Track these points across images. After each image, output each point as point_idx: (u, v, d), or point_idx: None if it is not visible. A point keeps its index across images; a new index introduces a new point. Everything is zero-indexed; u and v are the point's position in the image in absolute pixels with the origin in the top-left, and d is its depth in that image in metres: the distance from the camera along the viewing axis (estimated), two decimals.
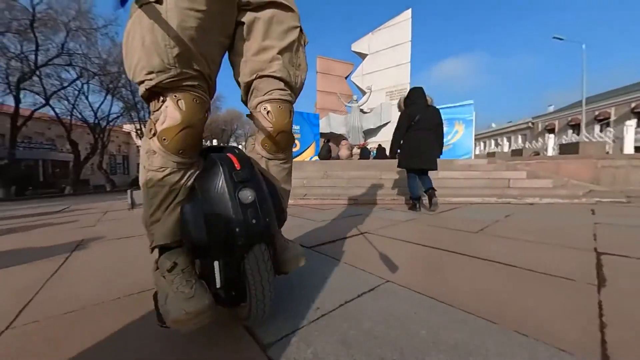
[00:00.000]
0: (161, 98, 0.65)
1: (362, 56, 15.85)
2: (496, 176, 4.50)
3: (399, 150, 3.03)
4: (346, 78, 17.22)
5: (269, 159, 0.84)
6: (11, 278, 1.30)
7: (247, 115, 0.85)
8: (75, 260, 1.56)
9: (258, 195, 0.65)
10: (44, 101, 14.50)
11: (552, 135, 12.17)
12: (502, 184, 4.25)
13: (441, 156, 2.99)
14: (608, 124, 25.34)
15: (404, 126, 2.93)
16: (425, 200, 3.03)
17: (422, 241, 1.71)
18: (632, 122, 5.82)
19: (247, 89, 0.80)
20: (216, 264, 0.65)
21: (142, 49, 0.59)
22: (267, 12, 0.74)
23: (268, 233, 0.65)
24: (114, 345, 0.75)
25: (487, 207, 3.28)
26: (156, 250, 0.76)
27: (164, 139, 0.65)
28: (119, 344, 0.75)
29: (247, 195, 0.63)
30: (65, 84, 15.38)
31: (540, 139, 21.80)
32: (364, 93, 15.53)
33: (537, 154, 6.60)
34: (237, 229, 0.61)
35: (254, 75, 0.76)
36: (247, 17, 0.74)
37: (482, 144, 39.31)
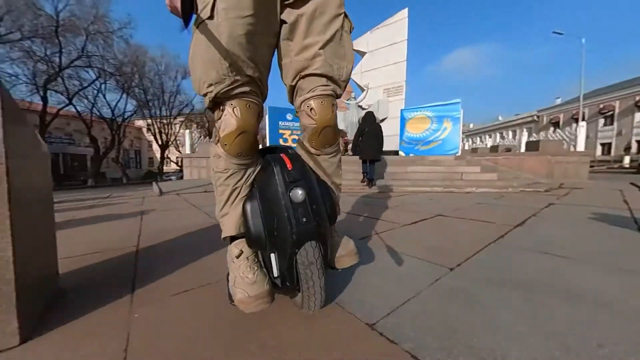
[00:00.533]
0: (221, 107, 0.70)
1: (362, 54, 16.50)
2: (454, 170, 5.42)
3: (357, 149, 5.03)
4: None
5: (317, 155, 0.85)
6: (118, 224, 2.35)
7: (295, 115, 0.88)
8: (147, 218, 2.63)
9: (309, 195, 0.67)
10: (66, 100, 15.86)
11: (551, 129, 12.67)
12: (456, 177, 5.17)
13: (431, 152, 4.75)
14: (612, 117, 25.13)
15: (359, 134, 4.91)
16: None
17: (364, 213, 2.70)
18: (583, 124, 6.59)
19: (292, 90, 0.81)
20: (272, 256, 0.70)
21: (201, 64, 0.65)
22: (310, 6, 0.72)
23: (318, 232, 0.67)
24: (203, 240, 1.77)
25: (430, 195, 4.17)
26: (228, 239, 0.83)
27: (225, 144, 0.70)
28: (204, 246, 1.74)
29: (298, 194, 0.65)
30: (85, 84, 16.67)
31: (542, 132, 21.77)
32: (362, 90, 16.28)
33: (508, 150, 7.35)
34: (288, 227, 0.63)
35: (297, 76, 0.76)
36: (290, 15, 0.73)
37: (487, 137, 39.23)
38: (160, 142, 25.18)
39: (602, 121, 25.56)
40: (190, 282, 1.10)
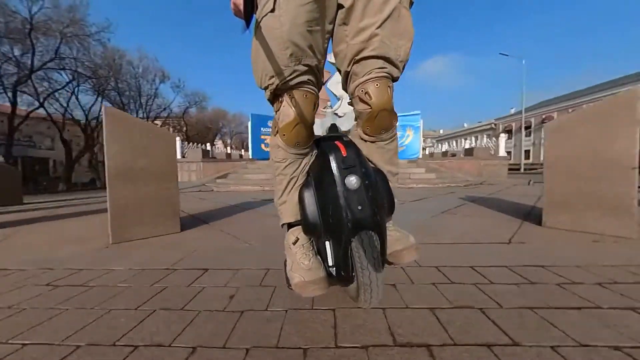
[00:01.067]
0: (280, 99, 0.71)
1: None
2: (405, 171, 6.88)
3: None
4: (324, 84, 19.31)
5: (372, 142, 0.80)
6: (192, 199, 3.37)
7: (348, 103, 0.83)
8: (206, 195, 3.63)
9: (364, 182, 0.64)
10: (37, 102, 15.52)
11: (503, 135, 14.92)
12: (405, 176, 6.62)
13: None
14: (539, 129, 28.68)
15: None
16: None
17: None
18: (504, 135, 8.48)
19: (347, 76, 0.76)
20: (327, 244, 0.69)
21: (263, 58, 0.65)
22: None
23: (374, 220, 0.63)
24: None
25: None
26: (285, 226, 0.85)
27: (284, 135, 0.72)
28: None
29: (353, 181, 0.63)
30: (58, 87, 16.41)
31: (494, 139, 24.87)
32: (338, 99, 17.78)
33: (453, 155, 9.04)
34: (343, 215, 0.61)
35: (352, 61, 0.72)
36: None
37: (454, 142, 42.82)
38: None
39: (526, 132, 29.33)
40: (233, 221, 2.21)
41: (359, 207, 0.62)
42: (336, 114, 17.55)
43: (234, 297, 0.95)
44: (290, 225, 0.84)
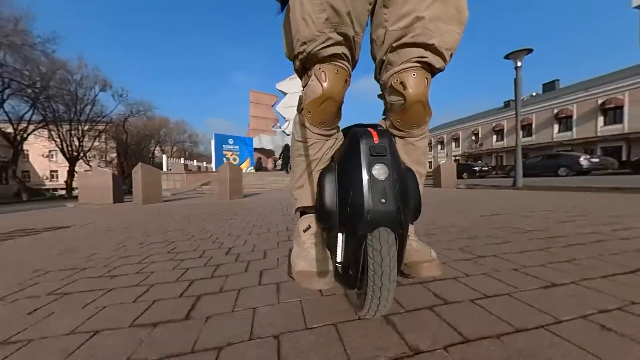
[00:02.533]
0: (309, 72, 0.63)
1: (284, 93, 21.71)
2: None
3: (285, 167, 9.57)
4: (272, 106, 22.77)
5: (401, 137, 0.73)
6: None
7: (378, 96, 0.76)
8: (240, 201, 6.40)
9: (393, 174, 0.56)
10: None
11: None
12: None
13: None
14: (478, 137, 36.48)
15: (285, 156, 9.50)
16: None
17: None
18: (444, 148, 13.11)
19: (381, 65, 0.69)
20: (340, 236, 0.61)
21: (294, 23, 0.58)
22: None
23: (397, 218, 0.55)
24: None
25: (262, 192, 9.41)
26: (298, 213, 0.79)
27: (309, 112, 0.65)
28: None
29: (381, 171, 0.56)
30: None
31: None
32: (285, 120, 21.38)
33: None
34: (364, 205, 0.54)
35: (389, 48, 0.64)
36: None
37: None
38: (68, 155, 23.32)
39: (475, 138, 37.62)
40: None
41: (383, 200, 0.54)
42: (284, 132, 21.17)
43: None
44: (303, 212, 0.77)
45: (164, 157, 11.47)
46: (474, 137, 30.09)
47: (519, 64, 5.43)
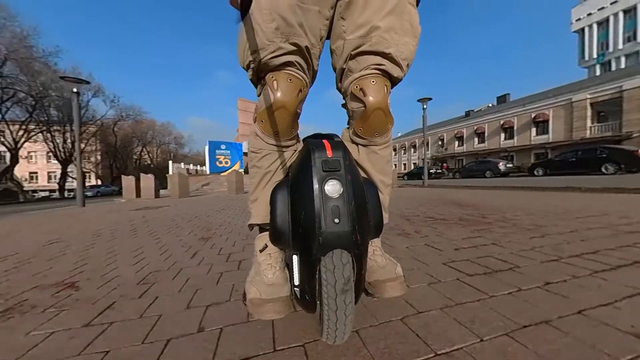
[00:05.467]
0: (262, 81, 0.62)
1: None
2: None
3: None
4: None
5: (365, 145, 0.71)
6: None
7: (342, 105, 0.75)
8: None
9: (347, 191, 0.52)
10: None
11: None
12: None
13: None
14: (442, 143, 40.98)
15: None
16: None
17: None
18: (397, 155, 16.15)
19: (341, 74, 0.69)
20: (295, 257, 0.57)
21: (246, 32, 0.56)
22: None
23: (352, 239, 0.51)
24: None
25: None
26: (256, 229, 0.73)
27: (262, 121, 0.62)
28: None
29: (334, 188, 0.51)
30: None
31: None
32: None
33: None
34: (315, 226, 0.50)
35: (348, 57, 0.65)
36: None
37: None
38: (61, 158, 24.49)
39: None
40: None
41: (336, 220, 0.50)
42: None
43: None
44: (260, 229, 0.72)
45: (170, 163, 13.65)
46: (439, 142, 33.97)
47: (424, 106, 8.38)
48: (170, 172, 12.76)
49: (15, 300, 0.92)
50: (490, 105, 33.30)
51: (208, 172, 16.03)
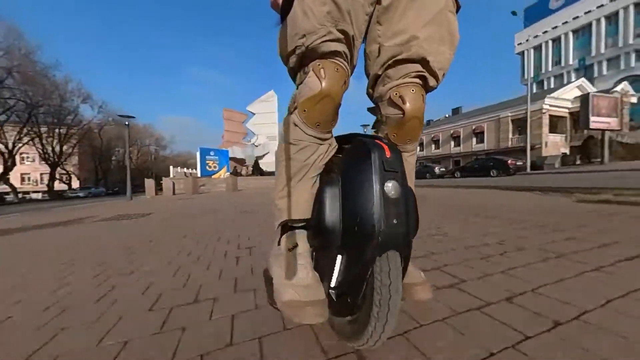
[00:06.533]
0: (305, 69, 0.61)
1: (253, 113, 27.20)
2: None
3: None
4: (243, 123, 28.11)
5: None
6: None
7: (369, 109, 0.76)
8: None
9: (403, 192, 0.53)
10: None
11: None
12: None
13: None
14: None
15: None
16: None
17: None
18: None
19: (376, 79, 0.69)
20: (339, 258, 0.57)
21: (295, 17, 0.56)
22: None
23: (407, 239, 0.53)
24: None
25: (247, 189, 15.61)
26: (280, 228, 0.68)
27: (304, 110, 0.60)
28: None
29: (394, 189, 0.52)
30: None
31: None
32: (254, 134, 26.90)
33: None
34: (375, 226, 0.49)
35: (386, 64, 0.65)
36: None
37: None
38: (50, 162, 25.81)
39: None
40: None
41: (395, 221, 0.50)
42: (254, 144, 26.61)
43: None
44: (287, 227, 0.66)
45: (171, 167, 16.33)
46: None
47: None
48: (171, 175, 15.53)
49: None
50: (446, 116, 38.50)
51: (199, 175, 18.77)
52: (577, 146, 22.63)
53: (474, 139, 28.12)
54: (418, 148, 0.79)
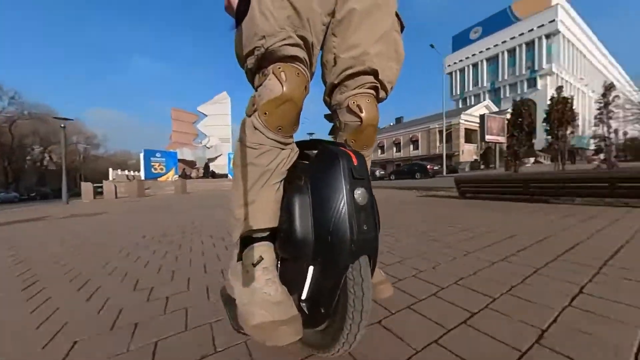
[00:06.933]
0: (264, 71, 0.59)
1: (205, 115, 26.60)
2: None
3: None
4: (193, 124, 27.23)
5: None
6: None
7: (326, 116, 0.79)
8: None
9: (370, 198, 0.55)
10: None
11: None
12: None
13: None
14: None
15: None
16: None
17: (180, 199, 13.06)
18: None
19: (333, 88, 0.72)
20: (311, 269, 0.55)
21: (253, 19, 0.55)
22: (366, 0, 0.65)
23: (376, 243, 0.55)
24: None
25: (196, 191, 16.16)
26: (238, 242, 0.62)
27: (265, 113, 0.57)
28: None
29: (363, 196, 0.53)
30: None
31: None
32: (206, 136, 26.31)
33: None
34: (349, 234, 0.50)
35: (342, 75, 0.68)
36: (342, 8, 0.65)
37: None
38: None
39: None
40: None
41: (365, 227, 0.52)
42: (205, 146, 26.02)
43: None
44: (249, 239, 0.61)
45: (110, 170, 15.35)
46: None
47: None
48: (110, 177, 14.72)
49: None
50: (391, 124, 42.96)
51: (143, 177, 17.91)
52: (482, 154, 28.03)
53: (411, 146, 32.31)
54: None
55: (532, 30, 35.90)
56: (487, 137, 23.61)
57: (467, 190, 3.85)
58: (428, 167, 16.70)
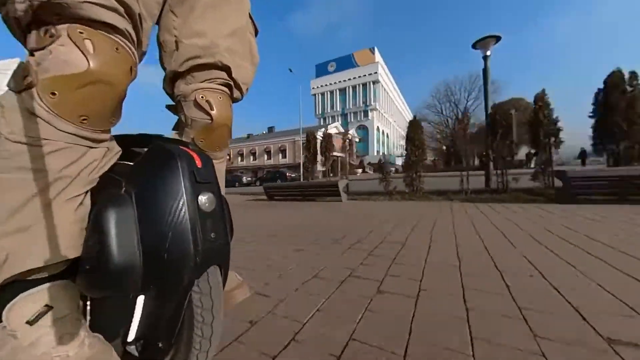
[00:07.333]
0: (49, 30, 0.38)
1: None
2: None
3: None
4: None
5: None
6: None
7: (168, 107, 0.69)
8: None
9: (219, 203, 0.48)
10: None
11: None
12: None
13: None
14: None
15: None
16: None
17: None
18: None
19: (176, 76, 0.62)
20: (140, 299, 0.44)
21: None
22: None
23: (227, 249, 0.49)
24: None
25: None
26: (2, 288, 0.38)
27: (54, 93, 0.37)
28: None
29: (209, 201, 0.45)
30: None
31: None
32: None
33: None
34: (191, 245, 0.42)
35: (188, 64, 0.59)
36: None
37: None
38: None
39: None
40: None
41: (213, 235, 0.45)
42: None
43: None
44: (21, 286, 0.39)
45: None
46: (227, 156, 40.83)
47: None
48: None
49: None
50: (263, 132, 45.14)
51: None
52: (331, 166, 35.35)
53: (280, 154, 35.50)
54: (239, 158, 1.25)
55: (365, 75, 49.18)
56: (333, 153, 30.14)
57: (274, 194, 5.57)
58: (287, 174, 19.40)
